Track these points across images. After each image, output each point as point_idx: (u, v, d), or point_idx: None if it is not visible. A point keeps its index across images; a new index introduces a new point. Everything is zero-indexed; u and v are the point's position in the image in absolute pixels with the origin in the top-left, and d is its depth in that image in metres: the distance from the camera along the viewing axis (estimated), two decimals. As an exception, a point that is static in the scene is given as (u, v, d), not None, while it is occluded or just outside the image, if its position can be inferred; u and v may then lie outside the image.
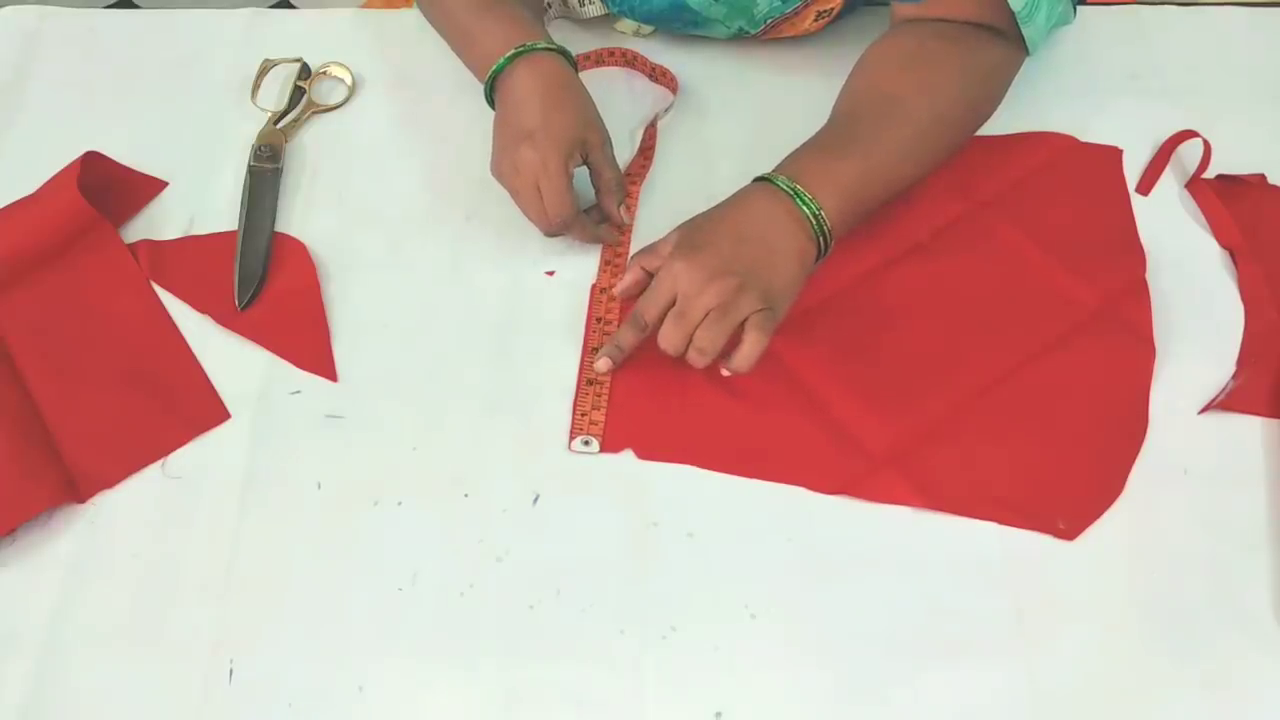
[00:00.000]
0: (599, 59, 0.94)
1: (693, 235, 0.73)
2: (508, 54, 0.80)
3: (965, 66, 0.81)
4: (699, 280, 0.70)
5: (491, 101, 0.83)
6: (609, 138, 0.81)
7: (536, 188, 0.78)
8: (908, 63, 0.81)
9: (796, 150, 0.78)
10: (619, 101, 0.91)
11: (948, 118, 0.80)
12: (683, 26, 0.93)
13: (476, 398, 0.76)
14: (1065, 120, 0.89)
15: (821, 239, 0.74)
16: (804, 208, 0.73)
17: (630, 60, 0.94)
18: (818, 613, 0.67)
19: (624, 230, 0.82)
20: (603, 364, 0.75)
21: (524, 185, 0.78)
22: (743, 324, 0.71)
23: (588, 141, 0.79)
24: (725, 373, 0.72)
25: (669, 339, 0.72)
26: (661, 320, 0.72)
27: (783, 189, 0.74)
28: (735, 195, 0.76)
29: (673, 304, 0.72)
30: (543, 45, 0.81)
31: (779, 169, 0.76)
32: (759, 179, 0.76)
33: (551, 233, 0.80)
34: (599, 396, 0.74)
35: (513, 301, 0.80)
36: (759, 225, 0.73)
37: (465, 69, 0.87)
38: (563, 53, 0.82)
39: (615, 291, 0.76)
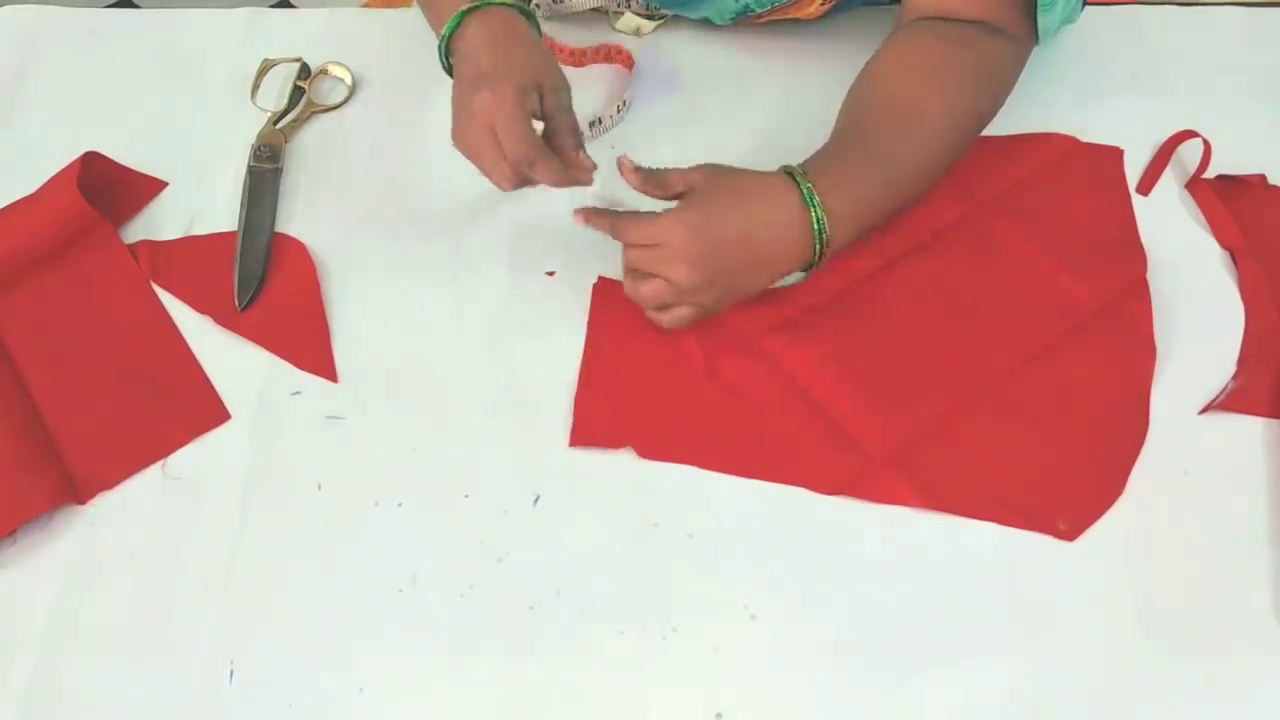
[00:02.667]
0: (607, 55, 0.94)
1: (713, 206, 0.72)
2: (460, 10, 0.76)
3: (978, 73, 0.81)
4: (688, 273, 0.71)
5: (449, 69, 0.79)
6: (567, 85, 0.77)
7: (493, 133, 0.72)
8: (927, 70, 0.80)
9: (830, 156, 0.76)
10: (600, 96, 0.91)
11: (962, 127, 0.80)
12: (688, 5, 0.92)
13: (476, 398, 0.76)
14: (1066, 120, 0.89)
15: (813, 262, 0.75)
16: (817, 236, 0.73)
17: (608, 55, 0.93)
18: (818, 613, 0.67)
19: (590, 171, 0.76)
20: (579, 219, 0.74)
21: (480, 134, 0.73)
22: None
23: (543, 85, 0.74)
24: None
25: (632, 290, 0.74)
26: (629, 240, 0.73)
27: (813, 209, 0.72)
28: (767, 182, 0.74)
29: (652, 245, 0.72)
30: (499, 0, 0.77)
31: (814, 175, 0.74)
32: (790, 174, 0.74)
33: (515, 182, 0.74)
34: None
35: (513, 301, 0.80)
36: (769, 230, 0.72)
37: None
38: (519, 9, 0.78)
39: (628, 166, 0.74)
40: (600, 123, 0.89)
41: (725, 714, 0.64)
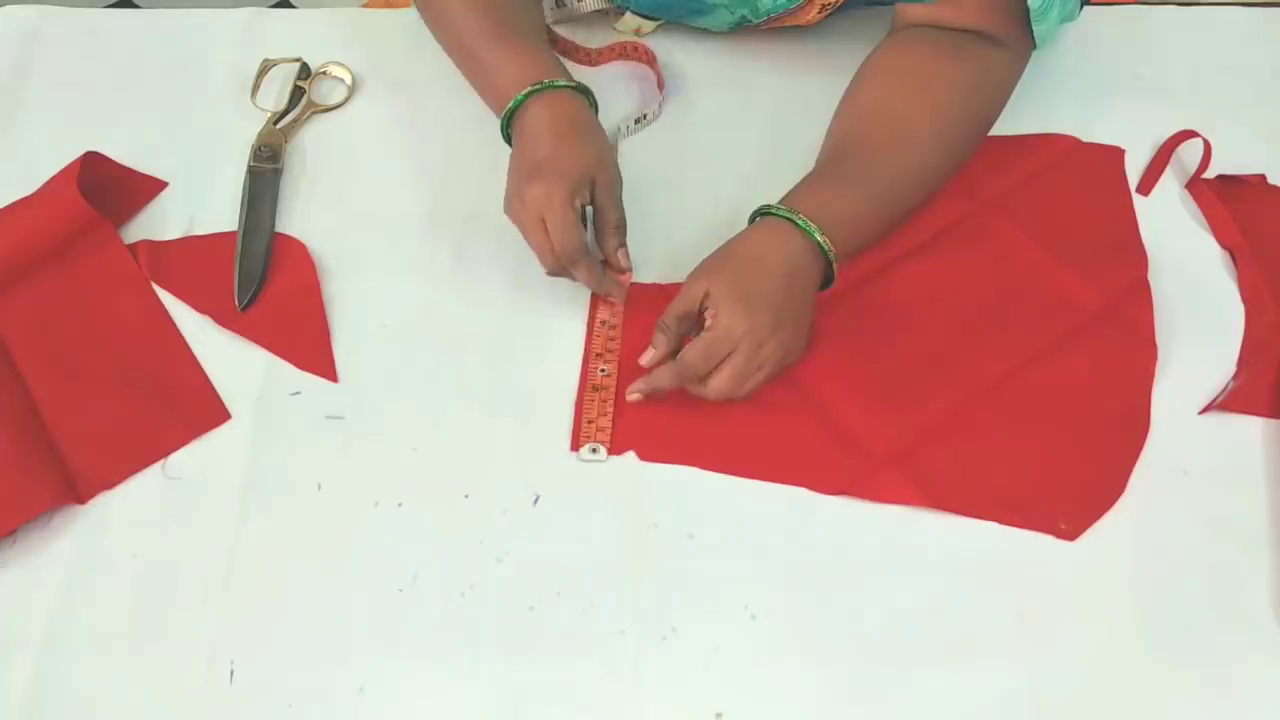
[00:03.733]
0: (622, 51, 0.94)
1: (741, 286, 0.72)
2: (524, 91, 0.79)
3: (972, 84, 0.81)
4: (760, 340, 0.71)
5: (508, 138, 0.82)
6: (620, 178, 0.79)
7: (542, 222, 0.75)
8: (915, 82, 0.80)
9: (808, 183, 0.78)
10: (618, 100, 0.91)
11: (954, 140, 0.81)
12: (686, 15, 0.92)
13: (477, 398, 0.76)
14: (1066, 120, 0.89)
15: (830, 272, 0.76)
16: (827, 254, 0.74)
17: (650, 60, 0.93)
18: (818, 613, 0.67)
19: (624, 275, 0.80)
20: (636, 398, 0.73)
21: (531, 220, 0.76)
22: None
23: (596, 180, 0.77)
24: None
25: (722, 394, 0.72)
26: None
27: (812, 236, 0.73)
28: (759, 234, 0.75)
29: (727, 358, 0.72)
30: (560, 83, 0.80)
31: (794, 204, 0.75)
32: (770, 213, 0.75)
33: (555, 270, 0.77)
34: (604, 403, 0.74)
35: (513, 302, 0.80)
36: (791, 266, 0.73)
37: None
38: (581, 90, 0.81)
39: (643, 361, 0.74)
40: (645, 118, 0.90)
41: (725, 714, 0.64)
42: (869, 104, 0.81)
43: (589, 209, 0.79)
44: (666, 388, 0.73)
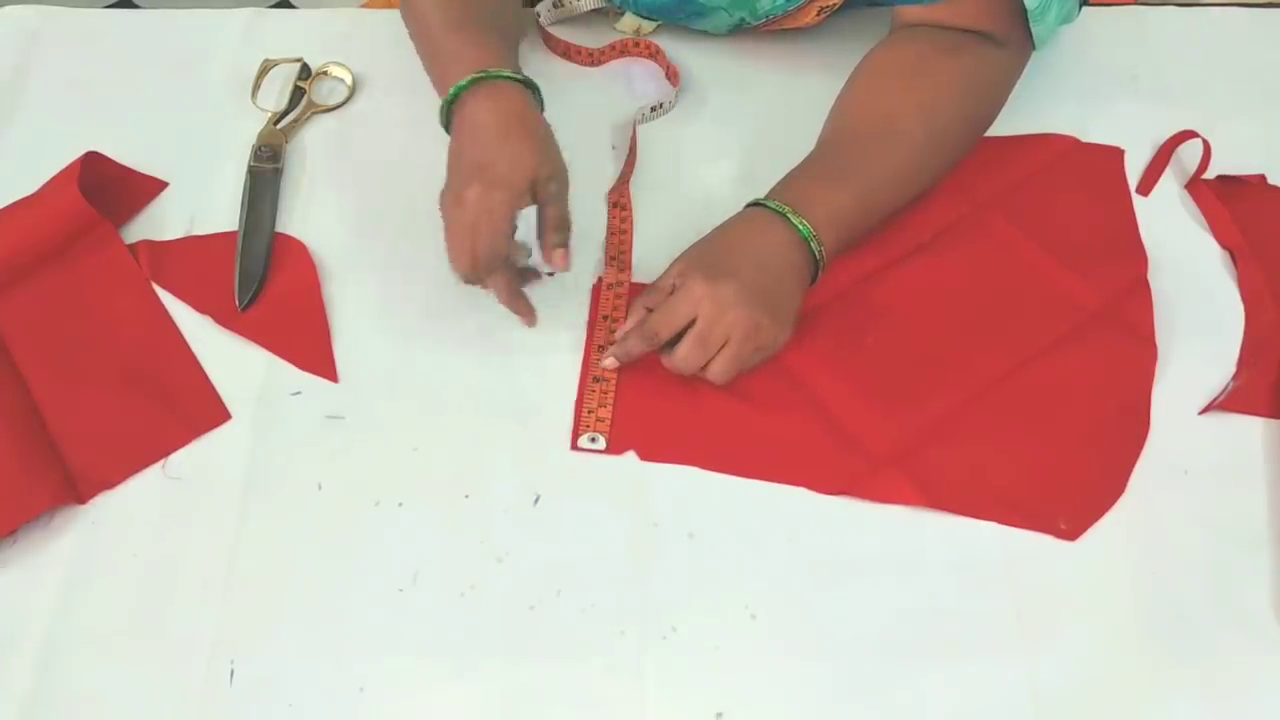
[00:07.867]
0: (623, 49, 0.94)
1: (710, 259, 0.73)
2: (467, 78, 0.76)
3: (965, 82, 0.81)
4: (722, 305, 0.71)
5: (448, 127, 0.79)
6: (565, 176, 0.76)
7: (473, 225, 0.72)
8: (907, 79, 0.80)
9: (792, 175, 0.78)
10: (617, 100, 0.91)
11: (945, 137, 0.81)
12: (685, 18, 0.93)
13: (477, 398, 0.76)
14: (1066, 121, 0.89)
15: (816, 264, 0.75)
16: (810, 242, 0.74)
17: (653, 54, 0.94)
18: (818, 613, 0.67)
19: (561, 267, 0.76)
20: (610, 363, 0.74)
21: (464, 223, 0.72)
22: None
23: (538, 179, 0.73)
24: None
25: (688, 363, 0.72)
26: (672, 337, 0.73)
27: (791, 222, 0.74)
28: (740, 220, 0.76)
29: (689, 324, 0.72)
30: (505, 74, 0.76)
31: (776, 195, 0.76)
32: (756, 204, 0.76)
33: (469, 278, 0.74)
34: (605, 394, 0.75)
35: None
36: (770, 251, 0.74)
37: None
38: (528, 84, 0.78)
39: (616, 336, 0.75)
40: (661, 107, 0.91)
41: (725, 714, 0.64)
42: (861, 100, 0.81)
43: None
44: (636, 352, 0.73)
